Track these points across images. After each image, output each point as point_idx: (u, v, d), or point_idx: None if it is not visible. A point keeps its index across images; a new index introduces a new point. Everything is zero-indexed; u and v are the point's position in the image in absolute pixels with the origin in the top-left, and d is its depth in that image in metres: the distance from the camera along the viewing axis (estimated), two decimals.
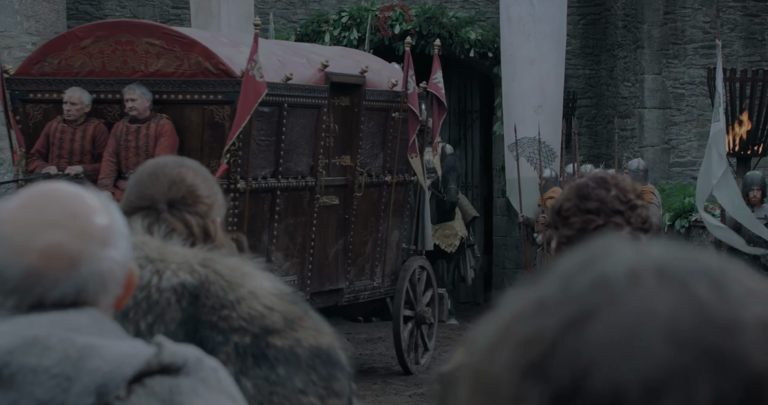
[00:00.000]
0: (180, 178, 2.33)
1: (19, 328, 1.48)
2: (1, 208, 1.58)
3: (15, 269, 1.52)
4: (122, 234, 1.58)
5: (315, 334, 2.05)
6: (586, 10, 15.51)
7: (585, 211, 2.32)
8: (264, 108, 8.16)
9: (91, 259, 1.53)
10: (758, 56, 14.65)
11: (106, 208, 1.58)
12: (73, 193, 1.58)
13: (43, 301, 1.52)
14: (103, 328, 1.52)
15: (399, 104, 9.78)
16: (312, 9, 15.16)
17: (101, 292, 1.54)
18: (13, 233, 1.53)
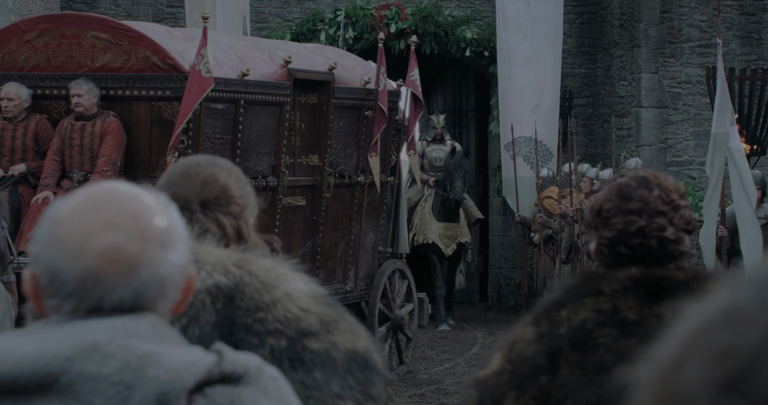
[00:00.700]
0: (213, 178, 2.22)
1: (77, 334, 1.40)
2: (56, 208, 1.47)
3: (72, 272, 1.42)
4: (181, 237, 1.49)
5: (351, 337, 1.97)
6: (582, 9, 14.94)
7: (627, 212, 2.19)
8: (217, 104, 7.58)
9: (150, 262, 1.44)
10: (755, 55, 14.05)
11: (165, 209, 1.49)
12: (132, 193, 1.48)
13: (101, 306, 1.43)
14: (162, 334, 1.44)
15: (372, 102, 9.19)
16: (307, 8, 14.63)
17: (160, 297, 1.46)
18: (69, 235, 1.43)
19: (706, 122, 14.26)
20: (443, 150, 13.28)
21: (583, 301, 2.09)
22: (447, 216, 12.68)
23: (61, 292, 1.43)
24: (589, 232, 2.27)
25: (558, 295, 2.14)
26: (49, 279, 1.44)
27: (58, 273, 1.43)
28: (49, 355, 1.37)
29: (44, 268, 1.44)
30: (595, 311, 2.06)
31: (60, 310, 1.44)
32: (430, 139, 13.39)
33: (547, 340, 2.05)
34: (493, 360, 2.08)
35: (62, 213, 1.46)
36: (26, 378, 1.36)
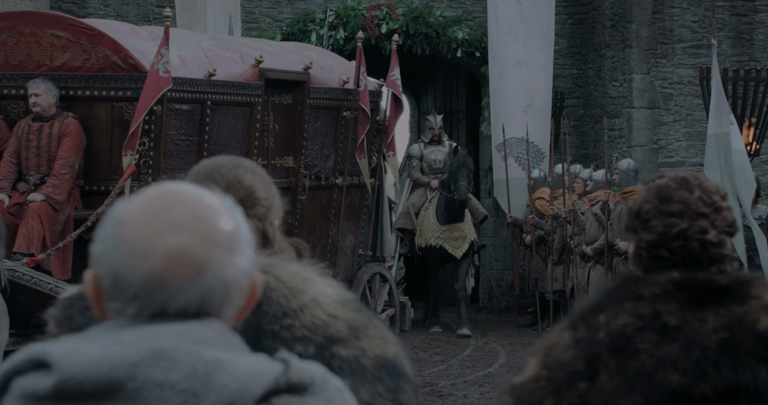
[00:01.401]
0: (237, 180, 2.10)
1: (143, 339, 1.33)
2: (121, 208, 1.40)
3: (136, 274, 1.35)
4: (247, 241, 1.43)
5: (380, 343, 1.89)
6: (573, 10, 14.52)
7: (667, 214, 2.09)
8: (182, 105, 7.15)
9: (217, 266, 1.37)
10: (746, 56, 13.62)
11: (231, 212, 1.43)
12: (198, 194, 1.41)
13: (165, 310, 1.36)
14: (227, 341, 1.37)
15: (351, 103, 8.75)
16: (298, 8, 14.22)
17: (226, 303, 1.39)
18: (134, 236, 1.36)
19: (698, 123, 13.88)
20: (442, 151, 12.59)
21: (621, 305, 1.98)
22: (451, 217, 11.98)
23: (125, 295, 1.36)
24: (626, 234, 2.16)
25: (595, 299, 2.02)
26: (112, 281, 1.37)
27: (122, 275, 1.36)
28: (115, 361, 1.31)
29: (108, 269, 1.37)
30: (634, 316, 1.96)
31: (123, 314, 1.38)
32: (427, 140, 12.73)
33: (585, 346, 1.95)
34: (528, 366, 1.98)
35: (127, 213, 1.38)
36: (92, 383, 1.30)
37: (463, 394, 9.01)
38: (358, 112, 8.74)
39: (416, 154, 12.47)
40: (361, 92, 8.70)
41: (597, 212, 11.24)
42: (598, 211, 11.24)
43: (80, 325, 1.86)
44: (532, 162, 13.09)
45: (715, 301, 1.98)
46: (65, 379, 1.30)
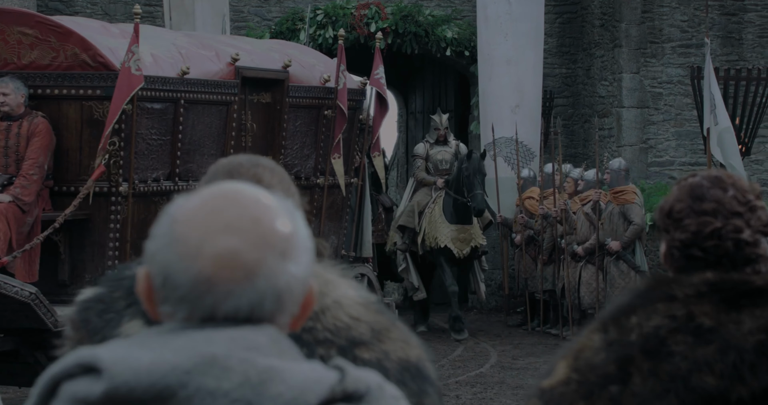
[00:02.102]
0: (257, 179, 1.97)
1: (195, 345, 1.27)
2: (178, 206, 1.32)
3: (185, 276, 1.28)
4: (305, 247, 1.32)
5: (403, 346, 1.81)
6: (562, 9, 14.28)
7: (700, 213, 2.02)
8: (154, 104, 6.89)
9: (268, 271, 1.29)
10: (736, 55, 13.38)
11: (290, 215, 1.33)
12: (257, 195, 1.33)
13: (214, 314, 1.29)
14: (282, 348, 1.31)
15: (332, 101, 8.50)
16: (286, 7, 13.97)
17: (277, 310, 1.31)
18: (186, 235, 1.29)
19: (687, 122, 13.65)
20: (448, 151, 12.04)
21: (654, 306, 1.91)
22: (460, 218, 11.45)
23: (174, 297, 1.30)
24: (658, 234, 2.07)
25: (626, 301, 1.95)
26: (162, 281, 1.31)
27: (171, 275, 1.30)
28: (166, 367, 1.26)
29: (159, 268, 1.31)
30: (668, 317, 1.90)
31: (174, 318, 1.31)
32: (433, 140, 12.13)
33: (616, 348, 1.88)
34: (557, 369, 1.91)
35: (182, 212, 1.32)
36: (143, 390, 1.25)
37: (455, 395, 8.84)
38: (336, 111, 8.50)
39: (421, 153, 12.01)
40: (340, 91, 8.45)
41: (588, 212, 11.02)
42: (589, 211, 11.02)
43: (97, 328, 1.81)
44: (521, 162, 12.87)
45: (750, 302, 1.92)
46: (116, 385, 1.25)
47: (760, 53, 13.59)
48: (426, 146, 12.10)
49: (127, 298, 1.83)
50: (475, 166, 11.39)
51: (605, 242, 10.74)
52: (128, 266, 1.92)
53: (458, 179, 11.45)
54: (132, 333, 1.79)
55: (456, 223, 11.41)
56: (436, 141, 12.12)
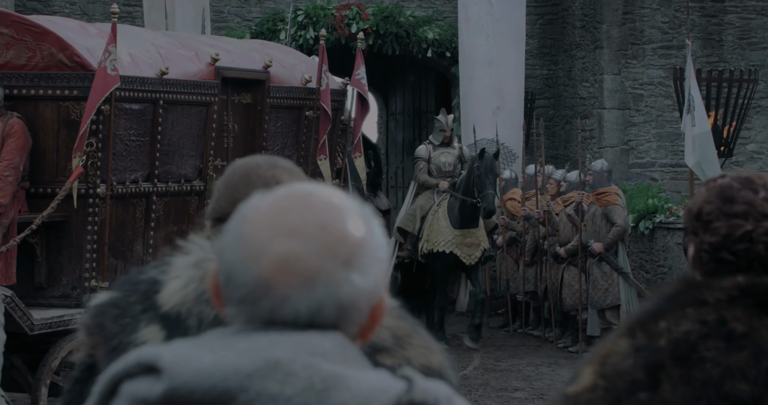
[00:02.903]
0: (275, 181, 1.94)
1: (259, 348, 1.22)
2: (251, 203, 1.28)
3: (246, 277, 1.24)
4: (376, 257, 1.26)
5: (425, 352, 1.77)
6: (543, 10, 14.20)
7: (730, 216, 1.95)
8: (132, 105, 6.75)
9: (328, 279, 1.23)
10: (716, 57, 13.34)
11: (364, 223, 1.26)
12: (330, 199, 1.26)
13: (273, 319, 1.24)
14: (347, 355, 1.25)
15: (313, 102, 8.38)
16: (267, 7, 13.84)
17: (341, 320, 1.25)
18: (251, 236, 1.25)
19: (668, 124, 13.61)
20: (452, 154, 11.44)
21: (684, 311, 1.85)
22: (466, 221, 10.82)
23: (235, 297, 1.26)
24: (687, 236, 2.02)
25: (654, 305, 1.89)
26: (226, 279, 1.27)
27: (234, 275, 1.26)
28: (228, 370, 1.21)
29: (225, 265, 1.27)
30: (698, 322, 1.83)
31: (236, 320, 1.27)
32: (438, 142, 11.46)
33: (645, 354, 1.82)
34: (582, 375, 1.84)
35: (253, 211, 1.28)
36: (203, 393, 1.21)
37: None
38: (320, 112, 8.38)
39: (423, 155, 11.40)
40: (323, 91, 8.33)
41: (570, 213, 10.94)
42: (571, 212, 10.93)
43: (113, 333, 1.77)
44: (503, 163, 12.77)
45: None
46: (176, 386, 1.22)
47: (740, 55, 13.56)
48: (429, 148, 11.53)
49: (144, 302, 1.77)
50: (488, 166, 10.82)
51: (588, 244, 10.66)
52: (142, 270, 1.85)
53: (468, 179, 10.87)
54: (149, 338, 1.73)
55: (461, 228, 10.83)
56: (441, 143, 11.54)
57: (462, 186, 10.95)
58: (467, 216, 10.84)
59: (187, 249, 1.79)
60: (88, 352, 1.81)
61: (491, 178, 10.79)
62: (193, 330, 1.71)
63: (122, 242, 6.82)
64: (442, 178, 11.32)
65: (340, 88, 8.85)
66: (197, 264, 1.77)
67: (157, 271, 1.80)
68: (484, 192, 10.65)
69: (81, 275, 6.66)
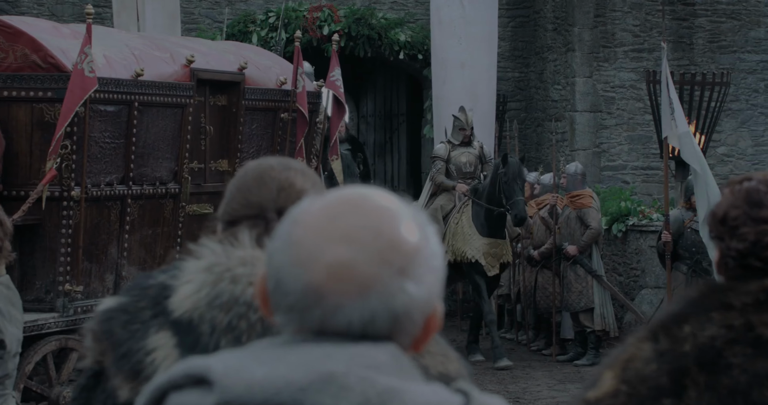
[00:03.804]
0: (289, 183, 1.91)
1: (312, 360, 1.18)
2: (302, 206, 1.23)
3: (296, 283, 1.19)
4: (432, 266, 1.21)
5: (443, 359, 1.74)
6: (515, 13, 14.22)
7: (758, 221, 1.89)
8: (107, 107, 6.68)
9: (382, 288, 1.18)
10: (687, 60, 13.41)
11: (420, 230, 1.22)
12: (385, 205, 1.21)
13: (323, 328, 1.19)
14: (402, 367, 1.20)
15: (288, 104, 8.33)
16: (238, 9, 13.75)
17: (394, 330, 1.21)
18: (302, 241, 1.20)
19: (639, 127, 13.66)
20: (472, 153, 10.94)
21: (708, 315, 1.80)
22: (493, 230, 10.22)
23: (283, 304, 1.21)
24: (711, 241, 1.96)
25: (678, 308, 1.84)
26: (274, 285, 1.22)
27: (283, 280, 1.21)
28: (281, 383, 1.17)
29: (274, 270, 1.23)
30: (724, 327, 1.79)
31: (286, 329, 1.22)
32: (458, 141, 10.93)
33: (669, 359, 1.77)
34: (603, 380, 1.78)
35: (304, 214, 1.23)
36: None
37: None
38: (297, 115, 8.33)
39: (442, 155, 10.85)
40: (299, 94, 8.29)
41: (544, 216, 10.94)
42: (545, 215, 10.93)
43: (122, 339, 1.72)
44: None
45: None
46: (228, 400, 1.18)
47: (710, 58, 13.64)
48: (447, 147, 10.95)
49: (153, 307, 1.72)
50: (515, 171, 10.21)
51: (562, 246, 10.67)
52: (150, 275, 1.80)
53: (493, 186, 10.27)
54: (160, 345, 1.68)
55: (488, 236, 10.26)
56: (460, 142, 10.97)
57: (485, 193, 10.39)
58: (494, 225, 10.30)
59: (199, 253, 1.75)
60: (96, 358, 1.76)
61: (519, 183, 10.27)
62: (205, 336, 1.67)
63: (97, 246, 6.74)
64: (461, 179, 10.81)
65: (315, 90, 8.81)
66: (209, 268, 1.72)
67: (166, 276, 1.75)
68: (513, 199, 10.11)
69: (55, 279, 6.58)
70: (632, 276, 11.81)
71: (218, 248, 1.75)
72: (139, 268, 7.08)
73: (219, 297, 1.69)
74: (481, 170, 10.91)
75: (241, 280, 1.70)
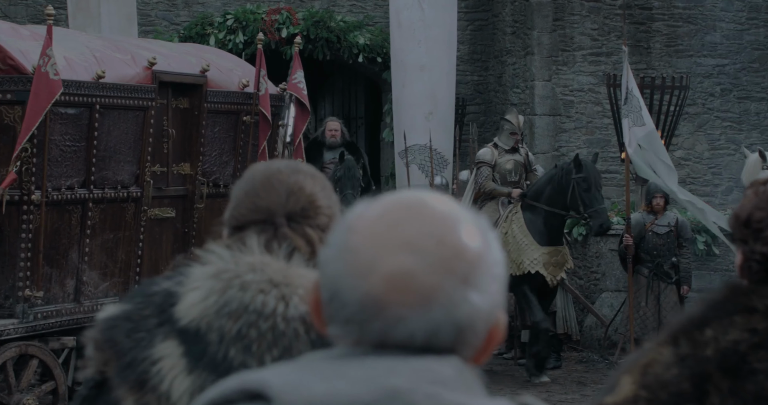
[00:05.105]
0: (298, 187, 1.85)
1: (374, 375, 1.12)
2: (356, 212, 1.19)
3: (354, 294, 1.14)
4: (494, 274, 1.17)
5: None
6: (474, 16, 14.25)
7: None
8: (68, 109, 6.59)
9: (446, 299, 1.14)
10: (644, 64, 13.51)
11: (483, 237, 1.17)
12: (446, 211, 1.16)
13: (384, 340, 1.14)
14: (468, 382, 1.16)
15: (251, 107, 8.27)
16: (195, 11, 13.65)
17: (457, 343, 1.16)
18: (359, 249, 1.15)
19: (598, 130, 13.74)
20: (518, 160, 10.13)
21: (731, 319, 1.77)
22: (553, 238, 9.49)
23: (341, 316, 1.16)
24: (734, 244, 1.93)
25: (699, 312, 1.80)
26: (330, 295, 1.17)
27: (339, 290, 1.16)
28: (343, 400, 1.11)
29: (328, 280, 1.17)
30: (747, 331, 1.76)
31: (343, 341, 1.16)
32: (508, 146, 10.12)
33: (690, 364, 1.73)
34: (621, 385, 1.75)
35: (360, 220, 1.18)
36: None
37: None
38: (259, 118, 8.27)
39: (489, 160, 10.02)
40: (262, 96, 8.23)
41: None
42: None
43: (125, 348, 1.66)
44: (435, 169, 12.78)
45: None
46: None
47: (667, 62, 13.75)
48: (494, 152, 10.09)
49: (159, 315, 1.66)
50: (596, 175, 9.46)
51: None
52: (154, 281, 1.74)
53: (560, 191, 9.48)
54: (166, 354, 1.62)
55: (548, 245, 9.48)
56: (510, 148, 10.14)
57: (544, 197, 9.58)
58: (555, 231, 9.58)
59: (206, 259, 1.70)
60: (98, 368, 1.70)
61: (600, 189, 9.51)
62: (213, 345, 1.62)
63: (57, 250, 6.64)
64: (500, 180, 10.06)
65: (278, 92, 8.76)
66: (217, 275, 1.67)
67: (171, 283, 1.70)
68: (594, 207, 9.29)
69: (14, 284, 6.47)
70: (592, 279, 11.86)
71: (226, 254, 1.71)
72: (100, 272, 6.98)
73: (228, 305, 1.64)
74: (525, 179, 10.15)
75: (251, 287, 1.66)
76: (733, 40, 13.84)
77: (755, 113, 13.91)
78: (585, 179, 9.40)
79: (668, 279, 9.75)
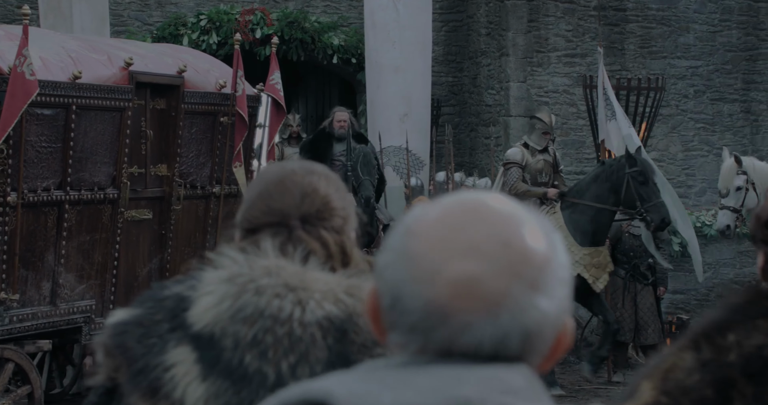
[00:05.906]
0: (312, 189, 1.80)
1: (443, 385, 1.08)
2: (415, 215, 1.14)
3: (417, 301, 1.10)
4: (561, 278, 1.13)
5: None
6: (448, 17, 14.25)
7: None
8: (44, 110, 6.51)
9: (514, 304, 1.10)
10: (618, 65, 13.55)
11: (548, 240, 1.13)
12: (510, 213, 1.13)
13: (450, 349, 1.10)
14: (537, 392, 1.12)
15: (228, 108, 8.21)
16: (168, 11, 13.56)
17: (526, 351, 1.11)
18: (421, 254, 1.10)
19: (573, 132, 13.77)
20: (548, 161, 9.63)
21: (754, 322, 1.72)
22: (596, 237, 8.97)
23: (403, 324, 1.11)
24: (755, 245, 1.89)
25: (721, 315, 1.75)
26: (391, 302, 1.12)
27: (401, 297, 1.10)
28: None
29: (388, 287, 1.12)
30: None
31: (405, 349, 1.11)
32: (540, 147, 9.63)
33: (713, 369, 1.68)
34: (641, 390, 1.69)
35: (421, 224, 1.13)
36: None
37: None
38: (236, 118, 8.22)
39: (519, 160, 9.52)
40: (239, 97, 8.17)
41: None
42: None
43: (137, 354, 1.62)
44: (410, 170, 12.77)
45: None
46: None
47: (641, 63, 13.80)
48: (525, 153, 9.59)
49: (171, 320, 1.62)
50: (651, 168, 8.95)
51: None
52: (165, 285, 1.69)
53: (615, 188, 8.99)
54: (179, 360, 1.58)
55: (590, 245, 8.98)
56: (543, 149, 9.62)
57: (588, 195, 9.10)
58: (600, 230, 9.04)
59: (219, 262, 1.65)
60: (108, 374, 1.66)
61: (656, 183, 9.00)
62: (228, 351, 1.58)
63: (33, 252, 6.56)
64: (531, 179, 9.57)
65: (255, 93, 8.71)
66: (231, 279, 1.63)
67: (183, 287, 1.65)
68: (653, 201, 8.81)
69: None
70: None
71: (240, 257, 1.67)
72: (76, 275, 6.90)
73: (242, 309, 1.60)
74: (553, 180, 9.66)
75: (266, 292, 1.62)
76: (706, 41, 13.92)
77: (728, 115, 14.00)
78: (641, 173, 8.92)
79: (645, 280, 9.78)
